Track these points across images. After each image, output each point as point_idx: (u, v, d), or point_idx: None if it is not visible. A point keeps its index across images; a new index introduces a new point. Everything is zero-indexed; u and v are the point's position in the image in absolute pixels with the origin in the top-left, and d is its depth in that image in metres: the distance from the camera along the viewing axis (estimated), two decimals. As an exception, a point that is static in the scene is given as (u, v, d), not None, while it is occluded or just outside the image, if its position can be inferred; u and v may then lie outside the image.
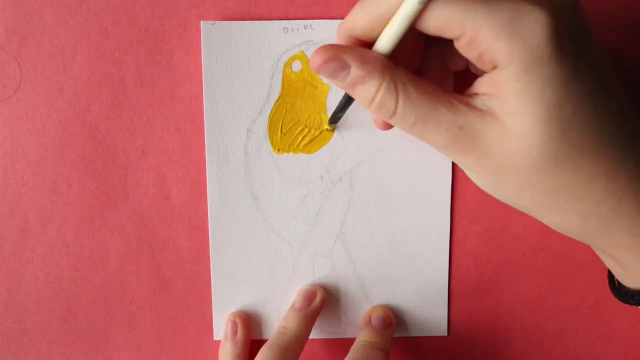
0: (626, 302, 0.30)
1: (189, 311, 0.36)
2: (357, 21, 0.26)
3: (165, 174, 0.35)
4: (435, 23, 0.24)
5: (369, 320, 0.36)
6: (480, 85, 0.26)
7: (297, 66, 0.34)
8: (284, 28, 0.34)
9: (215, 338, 0.37)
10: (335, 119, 0.33)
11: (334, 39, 0.33)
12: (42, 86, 0.34)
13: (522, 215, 0.36)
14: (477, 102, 0.26)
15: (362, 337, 0.35)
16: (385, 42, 0.26)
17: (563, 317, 0.38)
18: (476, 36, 0.24)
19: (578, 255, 0.37)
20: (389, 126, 0.31)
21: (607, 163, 0.25)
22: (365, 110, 0.34)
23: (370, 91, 0.26)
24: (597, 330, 0.38)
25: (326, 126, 0.34)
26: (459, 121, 0.26)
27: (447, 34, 0.25)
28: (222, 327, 0.36)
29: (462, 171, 0.35)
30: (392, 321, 0.36)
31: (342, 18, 0.34)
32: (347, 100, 0.31)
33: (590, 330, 0.38)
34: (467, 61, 0.31)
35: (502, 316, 0.37)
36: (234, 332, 0.36)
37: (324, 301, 0.36)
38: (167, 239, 0.36)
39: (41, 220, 0.35)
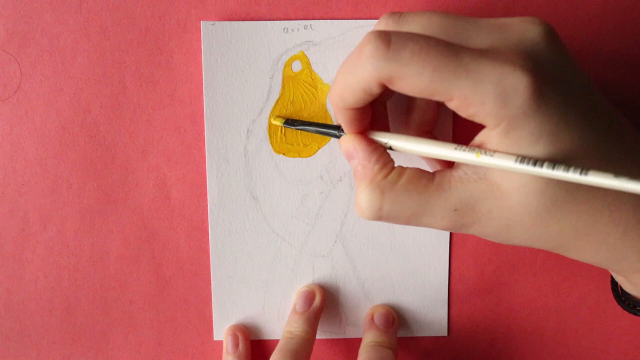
0: (630, 312, 0.31)
1: (189, 311, 0.36)
2: (345, 93, 0.27)
3: (165, 174, 0.35)
4: (423, 95, 0.25)
5: (372, 320, 0.36)
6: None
7: (297, 66, 0.34)
8: (284, 28, 0.34)
9: (215, 338, 0.37)
10: (295, 124, 0.34)
11: (334, 39, 0.34)
12: (42, 86, 0.34)
13: (522, 215, 0.36)
14: (469, 171, 0.26)
15: (369, 337, 0.35)
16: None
17: (563, 317, 0.38)
18: (463, 103, 0.24)
19: (578, 255, 0.37)
20: None
21: (608, 197, 0.26)
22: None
23: (360, 193, 0.27)
24: (597, 330, 0.38)
25: (274, 121, 0.34)
26: (453, 204, 0.26)
27: (435, 99, 0.25)
28: (222, 327, 0.36)
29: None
30: (394, 319, 0.36)
31: (342, 18, 0.34)
32: (321, 131, 0.32)
33: (590, 330, 0.38)
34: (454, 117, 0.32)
35: (502, 316, 0.37)
36: (235, 346, 0.36)
37: (324, 300, 0.36)
38: (167, 239, 0.36)
39: (41, 220, 0.35)
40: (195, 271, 0.36)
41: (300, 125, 0.33)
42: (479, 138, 0.26)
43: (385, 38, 0.24)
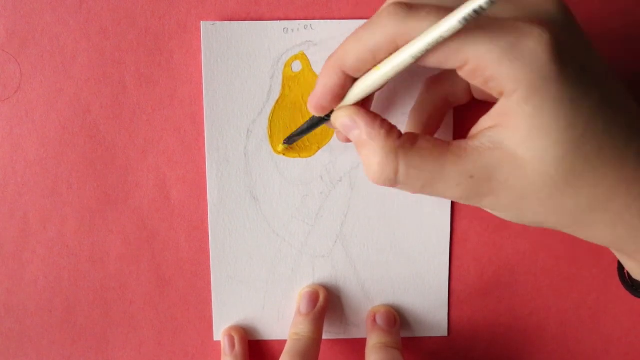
0: (638, 296, 0.30)
1: (189, 311, 0.36)
2: (350, 55, 0.26)
3: (165, 174, 0.35)
4: (437, 57, 0.24)
5: (374, 320, 0.36)
6: (486, 121, 0.26)
7: (297, 66, 0.34)
8: (284, 28, 0.34)
9: (215, 338, 0.37)
10: (291, 140, 0.34)
11: (334, 39, 0.34)
12: (42, 86, 0.34)
13: (522, 215, 0.36)
14: (484, 140, 0.25)
15: (374, 339, 0.35)
16: (368, 83, 0.26)
17: (563, 317, 0.38)
18: (479, 65, 0.24)
19: (578, 255, 0.37)
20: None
21: (626, 169, 0.25)
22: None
23: (371, 159, 0.26)
24: (597, 330, 0.38)
25: (279, 148, 0.34)
26: (468, 171, 0.25)
27: (448, 65, 0.25)
28: (222, 328, 0.36)
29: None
30: (396, 318, 0.36)
31: (342, 18, 0.34)
32: (310, 127, 0.31)
33: (590, 330, 0.38)
34: (469, 95, 0.32)
35: (502, 316, 0.37)
36: (232, 346, 0.36)
37: (328, 300, 0.36)
38: (167, 239, 0.36)
39: (41, 221, 0.35)
40: (195, 271, 0.36)
41: (296, 135, 0.33)
42: (496, 110, 0.25)
43: (405, 2, 0.24)
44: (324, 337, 0.37)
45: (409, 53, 0.24)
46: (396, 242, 0.36)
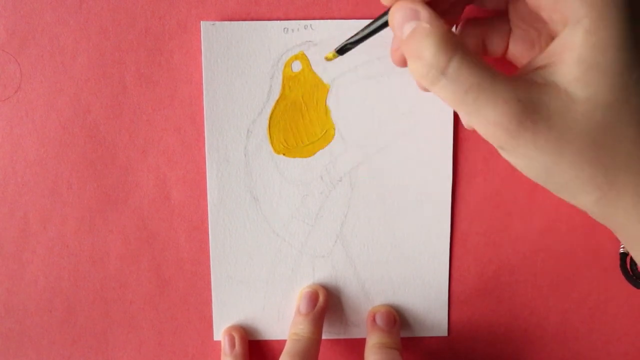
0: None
1: (189, 311, 0.36)
2: None
3: (165, 174, 0.35)
4: None
5: (374, 320, 0.36)
6: (539, 59, 0.25)
7: (297, 66, 0.34)
8: (284, 28, 0.34)
9: (215, 338, 0.37)
10: (343, 50, 0.30)
11: (334, 39, 0.33)
12: (42, 86, 0.34)
13: (522, 215, 0.36)
14: (536, 76, 0.25)
15: (373, 339, 0.35)
16: None
17: (563, 317, 0.38)
18: None
19: (578, 255, 0.37)
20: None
21: None
22: (366, 111, 0.34)
23: (425, 48, 0.24)
24: (597, 330, 0.38)
25: (329, 54, 0.31)
26: (519, 94, 0.24)
27: None
28: (222, 328, 0.36)
29: (463, 172, 0.35)
30: (396, 318, 0.36)
31: (342, 18, 0.34)
32: (371, 32, 0.29)
33: (590, 330, 0.38)
34: (505, 47, 0.30)
35: (502, 316, 0.37)
36: (232, 346, 0.36)
37: (328, 300, 0.36)
38: (167, 239, 0.36)
39: (41, 221, 0.35)
40: (195, 271, 0.36)
41: (353, 42, 0.30)
42: (555, 45, 0.24)
43: None
44: (324, 337, 0.37)
45: None
46: (396, 242, 0.36)
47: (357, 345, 0.37)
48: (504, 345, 0.38)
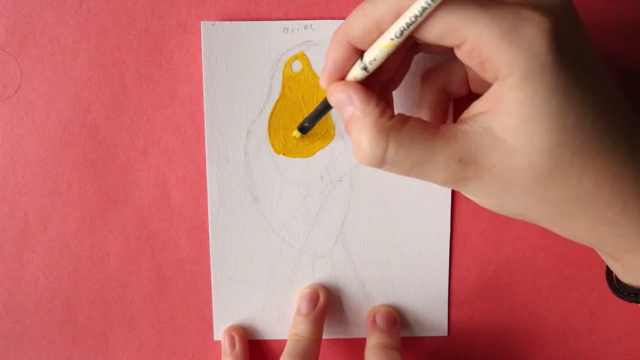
0: (626, 299, 0.30)
1: (189, 311, 0.36)
2: (355, 26, 0.26)
3: (165, 174, 0.35)
4: (436, 30, 0.24)
5: (374, 321, 0.36)
6: (478, 106, 0.26)
7: (297, 66, 0.34)
8: (284, 28, 0.34)
9: (215, 338, 0.37)
10: (304, 128, 0.33)
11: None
12: (42, 86, 0.34)
13: (522, 215, 0.36)
14: (475, 125, 0.25)
15: (373, 339, 0.35)
16: (375, 52, 0.26)
17: (563, 317, 0.38)
18: (477, 44, 0.24)
19: (578, 255, 0.37)
20: None
21: (612, 167, 0.25)
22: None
23: (362, 137, 0.26)
24: (597, 330, 0.38)
25: (295, 134, 0.34)
26: (457, 154, 0.25)
27: (447, 42, 0.25)
28: (222, 328, 0.36)
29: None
30: (396, 318, 0.36)
31: (342, 18, 0.34)
32: (322, 111, 0.31)
33: (590, 330, 0.38)
34: (465, 86, 0.32)
35: (502, 316, 0.37)
36: (232, 346, 0.36)
37: (328, 300, 0.36)
38: (167, 239, 0.36)
39: (41, 221, 0.35)
40: (195, 271, 0.36)
41: (309, 122, 0.33)
42: (489, 95, 0.25)
43: None
44: (324, 337, 0.37)
45: (407, 16, 0.24)
46: (396, 242, 0.36)
47: (357, 345, 0.37)
48: (504, 345, 0.38)
